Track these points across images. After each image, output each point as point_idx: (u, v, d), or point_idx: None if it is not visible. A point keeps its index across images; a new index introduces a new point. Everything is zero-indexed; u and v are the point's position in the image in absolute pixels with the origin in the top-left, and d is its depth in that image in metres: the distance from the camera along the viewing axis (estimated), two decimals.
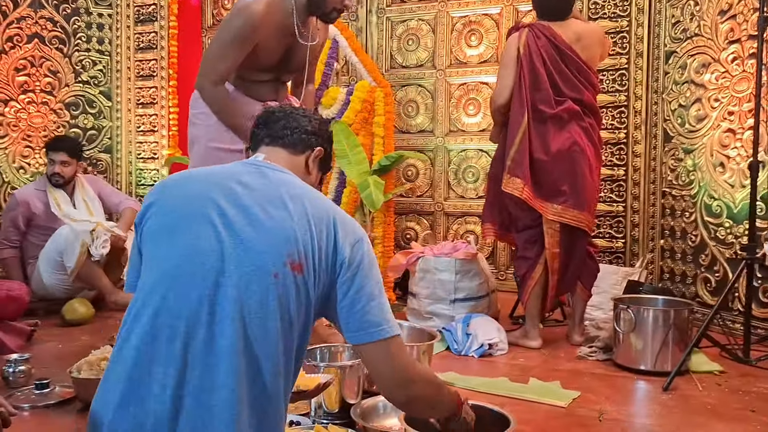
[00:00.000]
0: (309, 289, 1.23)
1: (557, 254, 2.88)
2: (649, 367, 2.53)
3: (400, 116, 4.69)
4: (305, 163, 1.46)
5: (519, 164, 2.85)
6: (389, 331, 1.26)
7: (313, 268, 1.23)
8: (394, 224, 3.79)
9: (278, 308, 1.18)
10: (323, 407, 1.91)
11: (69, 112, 5.04)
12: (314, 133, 1.47)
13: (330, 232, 1.26)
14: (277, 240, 1.21)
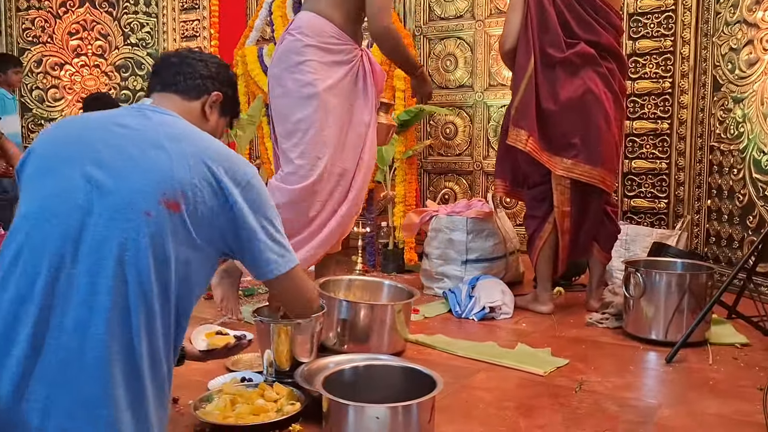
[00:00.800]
0: (189, 229, 1.20)
1: (568, 213, 2.66)
2: (660, 336, 2.29)
3: (438, 71, 4.50)
4: (201, 109, 1.41)
5: (523, 114, 2.63)
6: (285, 266, 1.33)
7: (193, 208, 1.20)
8: (417, 182, 3.64)
9: (150, 246, 1.14)
10: (274, 365, 1.85)
11: (119, 75, 5.18)
12: (211, 77, 1.42)
13: (214, 172, 1.23)
14: (151, 178, 1.17)
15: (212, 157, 1.24)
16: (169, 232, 1.17)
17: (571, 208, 2.66)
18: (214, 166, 1.23)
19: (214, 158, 1.24)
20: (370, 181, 3.63)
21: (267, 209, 1.31)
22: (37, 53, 5.09)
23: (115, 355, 1.12)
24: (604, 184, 2.63)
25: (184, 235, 1.19)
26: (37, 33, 5.07)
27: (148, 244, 1.15)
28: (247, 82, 4.07)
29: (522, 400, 1.79)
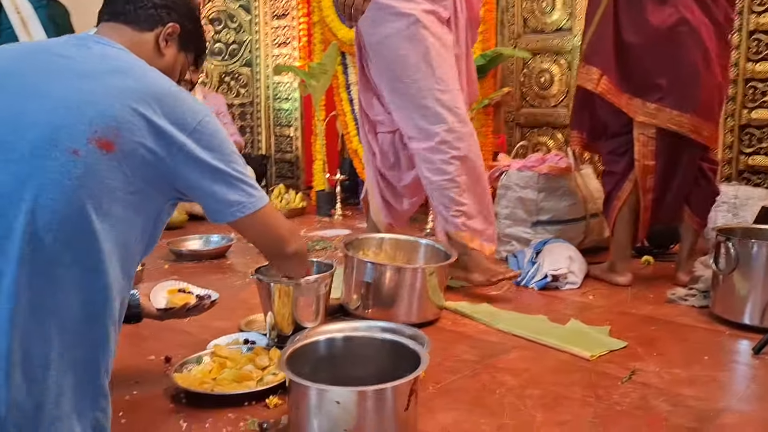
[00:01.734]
0: (125, 172, 1.08)
1: (651, 168, 2.25)
2: (755, 321, 1.87)
3: (533, 13, 4.05)
4: (155, 42, 1.27)
5: (596, 49, 2.23)
6: (251, 206, 1.22)
7: (131, 148, 1.07)
8: (492, 134, 3.31)
9: (78, 188, 1.02)
10: (276, 329, 1.68)
11: (213, 27, 5.19)
12: (166, 6, 1.27)
13: (159, 111, 1.10)
14: (81, 114, 1.05)
15: (155, 96, 1.10)
16: (101, 174, 1.05)
17: (656, 163, 2.25)
18: (161, 105, 1.10)
19: (157, 98, 1.10)
20: None
21: (223, 149, 1.18)
22: None
23: (22, 311, 0.99)
24: (697, 134, 2.19)
25: (120, 178, 1.07)
26: None
27: (74, 186, 1.02)
28: (323, 30, 3.88)
29: (551, 388, 1.50)
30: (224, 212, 1.20)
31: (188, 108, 1.14)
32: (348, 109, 3.83)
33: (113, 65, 1.12)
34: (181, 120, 1.12)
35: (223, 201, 1.19)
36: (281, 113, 5.16)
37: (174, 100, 1.13)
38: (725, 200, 2.71)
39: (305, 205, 4.00)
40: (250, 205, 1.21)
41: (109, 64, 1.12)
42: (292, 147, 5.12)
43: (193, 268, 2.62)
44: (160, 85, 1.13)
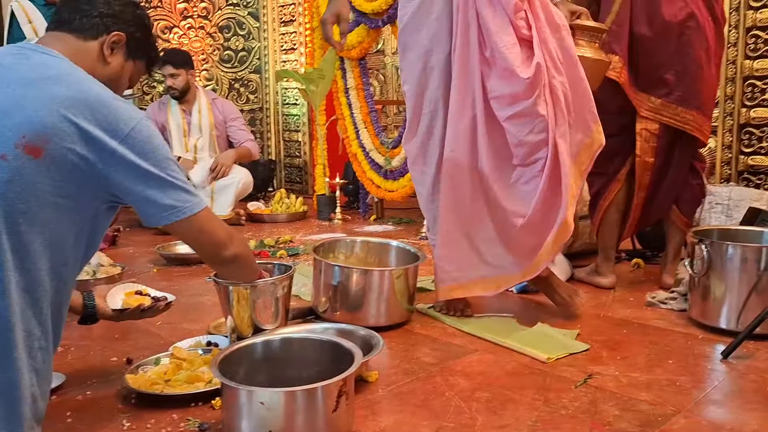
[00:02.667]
0: (54, 176, 1.10)
1: (650, 165, 2.22)
2: (731, 325, 1.82)
3: None
4: (100, 50, 1.29)
5: (617, 36, 2.17)
6: (186, 212, 1.23)
7: (60, 154, 1.10)
8: None
9: (5, 192, 1.05)
10: (236, 331, 1.70)
11: (222, 35, 5.27)
12: (112, 15, 1.29)
13: (91, 117, 1.13)
14: (9, 119, 1.08)
15: (87, 103, 1.13)
16: (29, 179, 1.07)
17: (656, 160, 2.22)
18: (87, 114, 1.12)
19: (89, 105, 1.13)
20: None
21: (156, 154, 1.20)
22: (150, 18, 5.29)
23: None
24: (699, 131, 2.17)
25: (48, 182, 1.09)
26: None
27: (1, 190, 1.05)
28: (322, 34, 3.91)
29: (502, 391, 1.48)
30: (158, 216, 1.22)
31: (121, 115, 1.16)
32: (347, 113, 3.85)
33: (47, 73, 1.15)
34: (114, 126, 1.14)
35: (157, 205, 1.20)
36: (290, 119, 5.21)
37: (106, 107, 1.15)
38: (719, 201, 2.65)
39: (306, 209, 4.02)
40: (185, 210, 1.23)
41: (44, 72, 1.15)
42: (301, 152, 5.17)
43: (181, 272, 2.66)
44: (93, 93, 1.15)
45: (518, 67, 1.73)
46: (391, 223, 3.76)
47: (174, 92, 3.83)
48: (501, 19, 1.75)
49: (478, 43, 1.78)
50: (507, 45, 1.74)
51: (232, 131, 3.98)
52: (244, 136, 4.00)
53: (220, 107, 3.99)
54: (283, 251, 2.90)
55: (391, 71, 5.06)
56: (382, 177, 3.70)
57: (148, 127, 1.20)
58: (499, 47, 1.74)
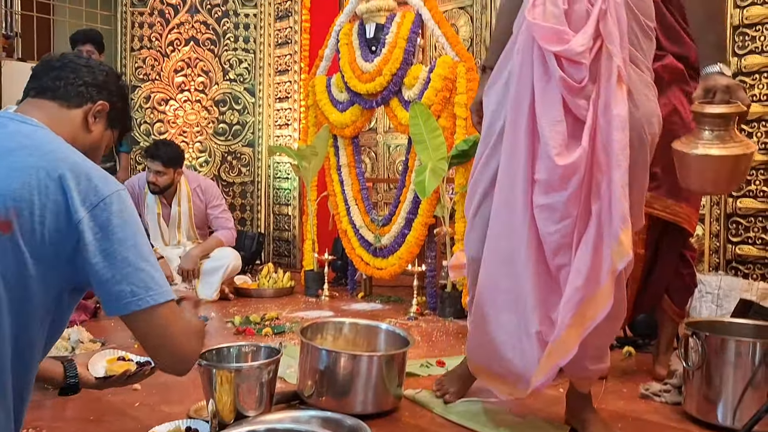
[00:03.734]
0: (23, 252, 1.05)
1: (641, 257, 2.21)
2: (727, 421, 1.78)
3: None
4: (83, 119, 1.27)
5: None
6: (148, 301, 1.10)
7: (30, 228, 1.05)
8: None
9: None
10: (217, 416, 1.63)
11: (218, 109, 5.36)
12: (96, 85, 1.29)
13: (63, 189, 1.08)
14: None
15: (66, 171, 1.08)
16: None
17: (646, 251, 2.22)
18: (64, 182, 1.07)
19: (69, 173, 1.08)
20: (430, 216, 3.37)
21: (125, 231, 1.11)
22: (147, 90, 5.39)
23: None
24: (689, 223, 2.18)
25: (17, 258, 1.04)
26: (147, 71, 5.39)
27: None
28: (316, 113, 3.98)
29: None
30: (115, 303, 1.10)
31: (94, 184, 1.10)
32: (338, 190, 3.86)
33: (22, 143, 1.11)
34: (83, 196, 1.08)
35: (115, 291, 1.09)
36: (281, 192, 5.23)
37: (80, 176, 1.09)
38: (709, 290, 2.65)
39: (293, 284, 3.97)
40: (147, 299, 1.10)
41: (18, 142, 1.11)
42: (290, 226, 5.16)
43: None
44: (68, 162, 1.10)
45: (555, 148, 1.48)
46: (379, 301, 3.71)
47: (154, 188, 3.67)
48: (552, 92, 1.51)
49: (527, 115, 1.54)
50: (550, 121, 1.50)
51: (211, 218, 3.88)
52: (221, 224, 3.85)
53: (202, 195, 3.85)
54: (269, 329, 2.84)
55: (383, 149, 5.14)
56: (371, 254, 3.68)
57: (122, 200, 1.12)
58: (542, 122, 1.51)
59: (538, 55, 1.52)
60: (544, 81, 1.52)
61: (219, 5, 5.33)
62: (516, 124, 1.56)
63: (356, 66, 3.62)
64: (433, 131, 3.20)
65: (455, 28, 4.35)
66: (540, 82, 1.53)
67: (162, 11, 5.37)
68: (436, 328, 3.03)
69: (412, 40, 3.39)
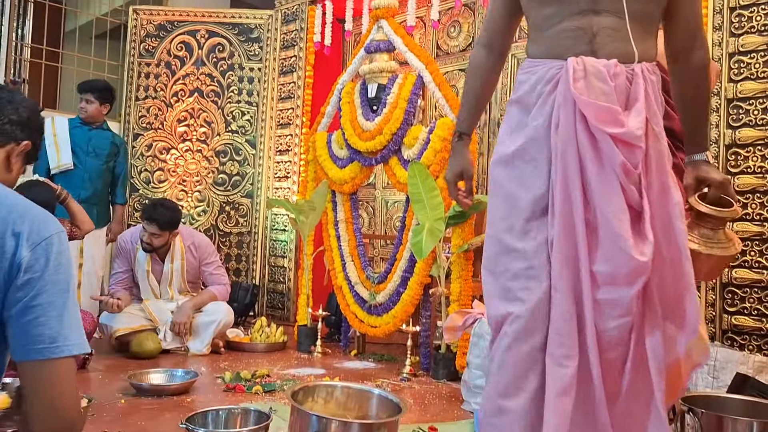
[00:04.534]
0: None
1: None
2: None
3: None
4: (5, 159, 1.24)
5: None
6: (66, 350, 1.05)
7: None
8: (472, 280, 3.29)
9: None
10: None
11: (218, 159, 5.41)
12: (21, 123, 1.25)
13: (7, 233, 1.05)
14: None
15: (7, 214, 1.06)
16: None
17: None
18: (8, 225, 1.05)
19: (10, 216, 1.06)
20: (426, 276, 3.36)
21: (58, 275, 1.07)
22: (149, 138, 5.45)
23: None
24: None
25: None
26: (151, 120, 5.47)
27: None
28: (316, 168, 4.02)
29: None
30: (36, 347, 1.04)
31: (40, 225, 1.09)
32: (335, 245, 3.87)
33: None
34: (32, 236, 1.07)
35: (40, 335, 1.03)
36: (277, 244, 5.23)
37: (26, 216, 1.08)
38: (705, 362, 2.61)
39: (286, 339, 3.93)
40: (57, 350, 1.04)
41: None
42: (285, 278, 5.14)
43: (150, 405, 2.53)
44: (11, 203, 1.10)
45: (628, 240, 1.31)
46: (372, 359, 3.67)
47: (148, 248, 3.67)
48: (610, 177, 1.35)
49: (581, 200, 1.36)
50: (616, 210, 1.34)
51: (205, 275, 3.87)
52: (215, 280, 3.84)
53: (195, 252, 3.83)
54: (259, 387, 2.79)
55: (381, 204, 5.17)
56: (366, 312, 3.65)
57: (61, 242, 1.10)
58: (605, 211, 1.34)
59: (585, 135, 1.36)
60: (597, 164, 1.36)
61: (225, 59, 5.44)
62: (567, 209, 1.36)
63: (357, 124, 3.67)
64: (431, 191, 3.22)
65: (455, 90, 4.44)
66: (593, 166, 1.36)
67: (168, 62, 5.48)
68: (429, 391, 2.98)
69: (413, 101, 3.46)
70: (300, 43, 5.19)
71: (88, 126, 4.02)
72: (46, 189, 3.13)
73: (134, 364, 3.20)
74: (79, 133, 3.99)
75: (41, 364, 1.04)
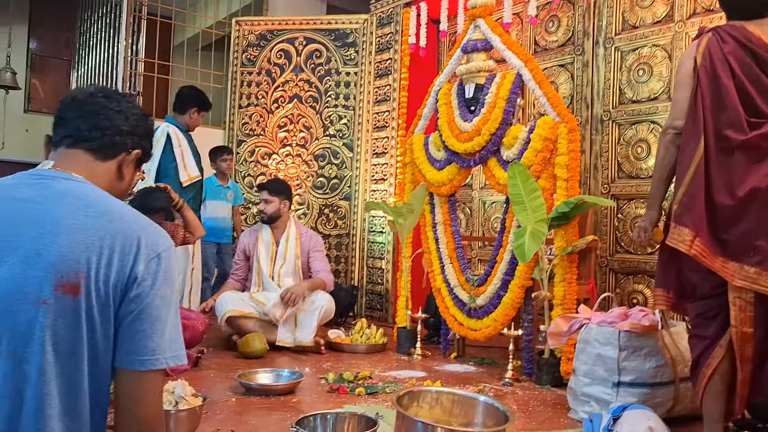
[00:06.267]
0: (93, 312, 1.07)
1: (750, 336, 2.05)
2: None
3: (628, 158, 4.02)
4: (117, 168, 1.27)
5: (689, 209, 2.13)
6: (164, 363, 1.11)
7: (95, 288, 1.07)
8: (576, 283, 3.18)
9: (50, 338, 1.03)
10: None
11: (317, 163, 5.54)
12: (131, 132, 1.27)
13: (125, 247, 1.10)
14: (46, 262, 1.05)
15: (126, 231, 1.11)
16: (69, 319, 1.04)
17: (756, 331, 2.06)
18: (128, 241, 1.10)
19: (127, 233, 1.11)
20: (528, 279, 3.29)
21: (166, 288, 1.12)
22: (252, 144, 5.67)
23: None
24: None
25: (86, 319, 1.06)
26: (253, 126, 5.68)
27: (48, 337, 1.03)
28: (413, 171, 4.02)
29: None
30: (139, 357, 1.09)
31: (153, 240, 1.13)
32: (433, 248, 3.86)
33: (75, 204, 1.11)
34: (148, 251, 1.11)
35: (144, 346, 1.09)
36: (375, 246, 5.28)
37: (144, 232, 1.13)
38: None
39: (386, 341, 3.96)
40: (166, 362, 1.11)
41: (72, 204, 1.11)
42: (383, 279, 5.18)
43: (260, 404, 2.61)
44: (129, 220, 1.13)
45: None
46: (472, 362, 3.63)
47: (262, 216, 4.01)
48: None
49: None
50: None
51: (312, 261, 4.04)
52: (321, 266, 4.01)
53: (307, 241, 4.06)
54: (362, 389, 2.83)
55: (478, 205, 5.10)
56: (466, 314, 3.62)
57: (173, 255, 1.16)
58: None
59: None
60: None
61: (322, 64, 5.56)
62: None
63: (455, 125, 3.65)
64: (533, 192, 3.15)
65: (554, 86, 4.32)
66: None
67: (269, 71, 5.67)
68: (532, 397, 2.91)
69: (512, 101, 3.39)
70: (395, 45, 5.21)
71: (189, 134, 4.28)
72: (161, 196, 3.32)
73: (243, 363, 3.33)
74: (189, 142, 4.24)
75: (138, 374, 1.09)
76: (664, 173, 2.34)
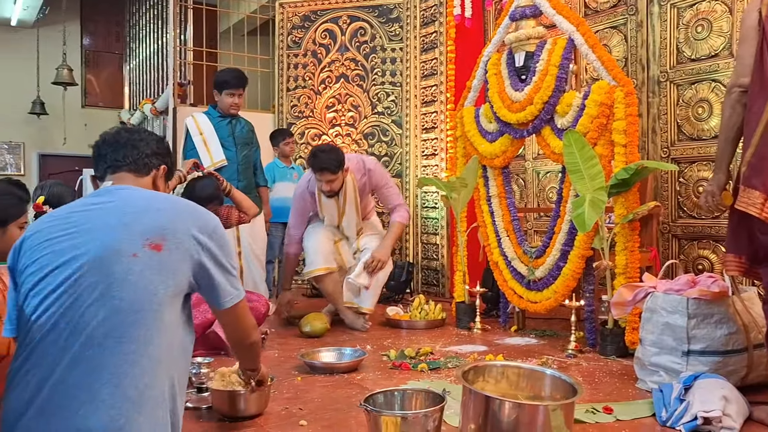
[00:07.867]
0: (174, 262, 1.39)
1: None
2: None
3: (688, 120, 3.87)
4: (153, 183, 1.62)
5: (758, 170, 2.04)
6: (238, 298, 1.52)
7: (175, 247, 1.39)
8: (639, 251, 3.09)
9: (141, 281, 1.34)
10: None
11: (367, 141, 5.54)
12: (155, 153, 1.62)
13: (188, 220, 1.44)
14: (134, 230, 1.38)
15: (184, 210, 1.47)
16: (155, 267, 1.36)
17: None
18: (184, 218, 1.44)
19: (185, 211, 1.47)
20: (588, 249, 3.22)
21: (229, 250, 1.51)
22: (301, 126, 5.71)
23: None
24: None
25: (169, 268, 1.38)
26: (302, 108, 5.71)
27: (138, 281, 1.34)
28: (465, 144, 3.97)
29: None
30: (221, 300, 1.49)
31: (207, 218, 1.49)
32: (489, 221, 3.82)
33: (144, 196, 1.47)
34: (203, 224, 1.46)
35: (224, 291, 1.49)
36: (428, 221, 5.27)
37: (196, 212, 1.49)
38: None
39: (444, 316, 3.96)
40: (238, 296, 1.52)
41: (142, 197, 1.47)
42: (438, 255, 5.17)
43: (325, 382, 2.66)
44: (183, 203, 1.51)
45: None
46: (533, 335, 3.60)
47: (331, 194, 3.78)
48: None
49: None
50: None
51: (383, 197, 3.97)
52: (395, 201, 3.93)
53: (369, 179, 3.91)
54: (424, 365, 2.84)
55: (532, 176, 5.02)
56: (525, 287, 3.58)
57: (223, 229, 1.52)
58: None
59: None
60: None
61: (367, 42, 5.53)
62: None
63: (506, 96, 3.58)
64: (590, 160, 3.07)
65: (607, 49, 4.18)
66: None
67: (315, 52, 5.68)
68: (597, 368, 2.87)
69: (564, 67, 3.29)
70: (440, 18, 5.13)
71: (227, 118, 4.03)
72: (210, 183, 3.36)
73: (305, 343, 3.39)
74: (222, 126, 4.00)
75: (227, 310, 1.51)
76: (730, 134, 2.24)
